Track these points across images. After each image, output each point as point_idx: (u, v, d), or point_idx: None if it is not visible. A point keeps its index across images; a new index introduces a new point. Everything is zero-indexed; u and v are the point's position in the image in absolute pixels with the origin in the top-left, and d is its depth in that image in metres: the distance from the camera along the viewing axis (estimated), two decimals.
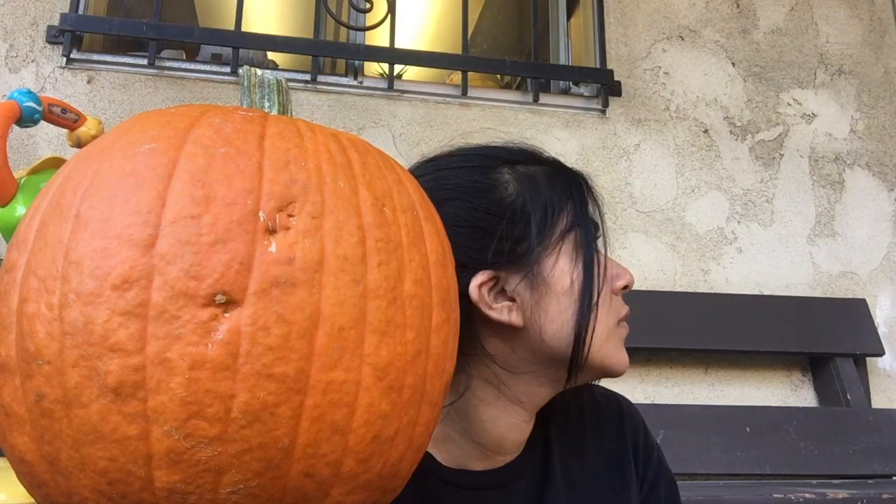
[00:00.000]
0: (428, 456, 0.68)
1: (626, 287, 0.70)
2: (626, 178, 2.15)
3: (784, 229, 2.20)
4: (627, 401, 0.82)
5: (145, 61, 1.97)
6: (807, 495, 1.42)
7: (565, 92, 2.28)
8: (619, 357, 0.69)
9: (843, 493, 1.45)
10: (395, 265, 0.44)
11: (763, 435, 1.85)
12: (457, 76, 2.31)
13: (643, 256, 2.09)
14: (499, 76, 2.71)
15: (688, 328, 1.97)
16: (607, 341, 0.67)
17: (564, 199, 0.67)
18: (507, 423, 0.68)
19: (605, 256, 0.68)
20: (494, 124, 2.13)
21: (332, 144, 0.47)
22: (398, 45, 2.15)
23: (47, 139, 1.86)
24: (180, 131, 0.44)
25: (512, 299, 0.64)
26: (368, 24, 2.16)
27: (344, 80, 2.10)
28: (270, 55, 2.39)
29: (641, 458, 0.78)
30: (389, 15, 2.13)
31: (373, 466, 0.43)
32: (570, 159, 2.12)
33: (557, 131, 2.16)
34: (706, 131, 2.25)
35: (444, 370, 0.48)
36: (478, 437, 0.68)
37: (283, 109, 0.54)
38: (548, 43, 2.48)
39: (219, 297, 0.39)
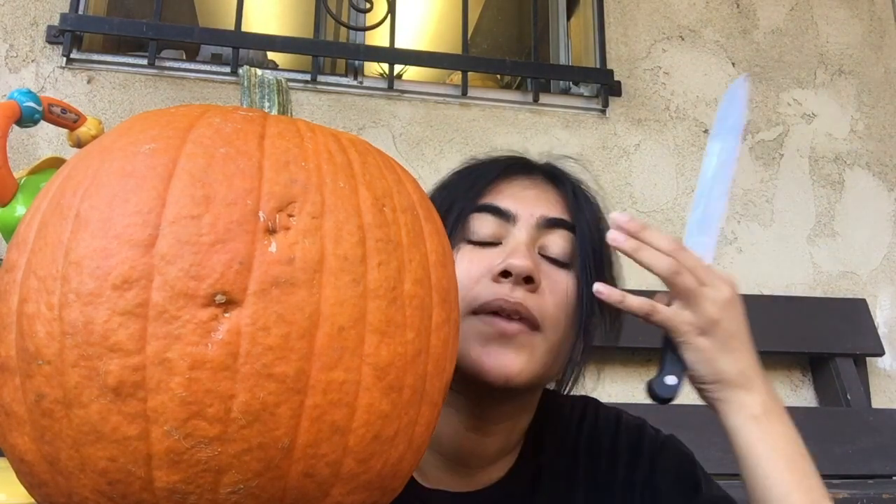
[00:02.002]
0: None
1: (504, 273, 0.61)
2: (626, 178, 2.15)
3: (784, 229, 2.20)
4: (666, 437, 0.75)
5: (145, 61, 1.96)
6: None
7: (565, 92, 2.28)
8: (478, 358, 0.60)
9: (843, 493, 1.44)
10: (395, 265, 0.44)
11: None
12: (457, 76, 2.31)
13: None
14: (499, 76, 2.71)
15: None
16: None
17: (457, 203, 0.66)
18: (450, 428, 0.65)
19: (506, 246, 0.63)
20: (494, 124, 2.13)
21: (332, 144, 0.47)
22: (398, 45, 2.14)
23: (47, 139, 1.86)
24: (180, 131, 0.44)
25: None
26: (368, 24, 2.16)
27: (344, 80, 2.10)
28: (270, 55, 2.38)
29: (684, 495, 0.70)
30: (389, 15, 2.13)
31: (373, 466, 0.43)
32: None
33: (557, 131, 2.16)
34: (706, 131, 2.25)
35: (443, 370, 0.48)
36: (435, 444, 0.66)
37: (283, 109, 0.54)
38: (548, 43, 2.48)
39: (219, 297, 0.39)
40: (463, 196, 0.66)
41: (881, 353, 2.05)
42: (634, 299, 0.62)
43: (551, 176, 0.70)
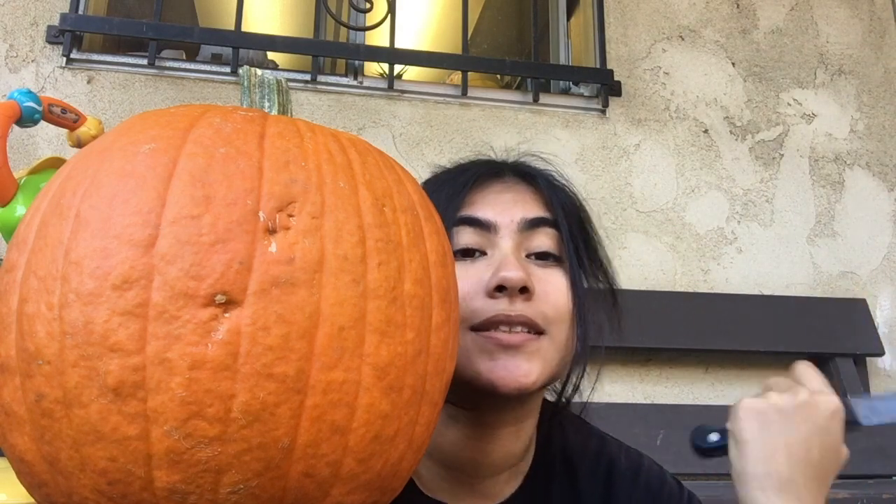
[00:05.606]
0: (410, 483, 0.65)
1: (499, 288, 0.60)
2: (626, 178, 2.15)
3: (784, 229, 2.20)
4: (690, 494, 0.74)
5: (145, 61, 1.96)
6: None
7: (565, 92, 2.28)
8: (490, 371, 0.58)
9: (843, 493, 1.44)
10: (395, 265, 0.44)
11: None
12: (457, 76, 2.31)
13: (643, 256, 2.09)
14: (499, 76, 2.71)
15: (688, 328, 1.97)
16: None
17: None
18: (451, 436, 0.64)
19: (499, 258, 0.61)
20: (494, 124, 2.13)
21: (332, 144, 0.47)
22: (398, 45, 2.14)
23: (47, 139, 1.86)
24: (180, 131, 0.44)
25: None
26: (368, 24, 2.16)
27: (344, 80, 2.10)
28: (270, 55, 2.38)
29: None
30: (389, 15, 2.13)
31: (373, 466, 0.43)
32: (570, 159, 2.12)
33: (557, 131, 2.16)
34: (706, 131, 2.25)
35: (444, 370, 0.48)
36: (437, 453, 0.65)
37: (283, 109, 0.54)
38: (548, 43, 2.48)
39: (219, 297, 0.39)
40: (441, 212, 0.64)
41: (881, 353, 2.05)
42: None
43: (522, 174, 0.69)
